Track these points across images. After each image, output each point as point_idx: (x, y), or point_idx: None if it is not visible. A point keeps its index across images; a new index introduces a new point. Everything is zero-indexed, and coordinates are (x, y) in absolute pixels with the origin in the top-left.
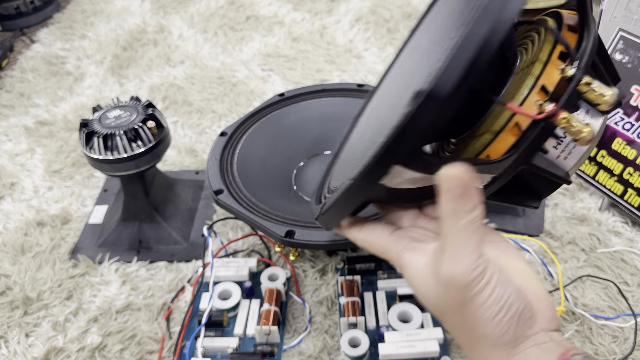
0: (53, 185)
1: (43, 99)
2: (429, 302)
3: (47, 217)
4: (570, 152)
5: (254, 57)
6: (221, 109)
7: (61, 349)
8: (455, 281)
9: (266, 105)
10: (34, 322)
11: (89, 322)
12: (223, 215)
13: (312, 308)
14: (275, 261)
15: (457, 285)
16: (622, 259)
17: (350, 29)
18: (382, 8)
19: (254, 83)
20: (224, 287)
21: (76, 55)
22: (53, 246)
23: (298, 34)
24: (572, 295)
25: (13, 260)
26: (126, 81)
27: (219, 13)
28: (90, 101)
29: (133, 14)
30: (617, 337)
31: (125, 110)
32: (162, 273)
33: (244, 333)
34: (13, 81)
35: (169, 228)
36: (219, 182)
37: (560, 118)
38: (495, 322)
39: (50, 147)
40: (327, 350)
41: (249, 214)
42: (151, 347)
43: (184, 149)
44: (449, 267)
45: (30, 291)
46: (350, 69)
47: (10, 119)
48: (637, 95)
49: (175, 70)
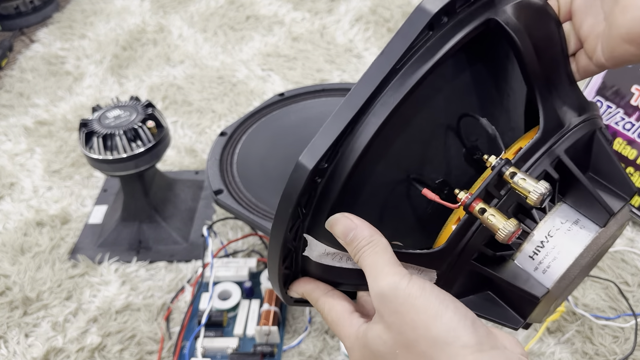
0: (52, 185)
1: (42, 99)
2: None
3: (46, 217)
4: (549, 266)
5: (254, 56)
6: (221, 109)
7: (61, 349)
8: (387, 292)
9: (266, 105)
10: (34, 322)
11: (89, 322)
12: (223, 215)
13: (312, 308)
14: None
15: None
16: (622, 259)
17: (350, 29)
18: (382, 8)
19: (254, 83)
20: (223, 287)
21: (76, 55)
22: (52, 246)
23: (298, 33)
24: (573, 295)
25: (12, 261)
26: (126, 81)
27: (218, 13)
28: (90, 101)
29: (133, 14)
30: (617, 337)
31: (124, 110)
32: (161, 273)
33: (244, 333)
34: (12, 81)
35: (169, 228)
36: (219, 182)
37: (477, 209)
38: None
39: (50, 147)
40: (327, 350)
41: (249, 214)
42: (151, 347)
43: (183, 149)
44: (374, 287)
45: (29, 291)
46: (350, 69)
47: (9, 118)
48: (637, 95)
49: (175, 70)
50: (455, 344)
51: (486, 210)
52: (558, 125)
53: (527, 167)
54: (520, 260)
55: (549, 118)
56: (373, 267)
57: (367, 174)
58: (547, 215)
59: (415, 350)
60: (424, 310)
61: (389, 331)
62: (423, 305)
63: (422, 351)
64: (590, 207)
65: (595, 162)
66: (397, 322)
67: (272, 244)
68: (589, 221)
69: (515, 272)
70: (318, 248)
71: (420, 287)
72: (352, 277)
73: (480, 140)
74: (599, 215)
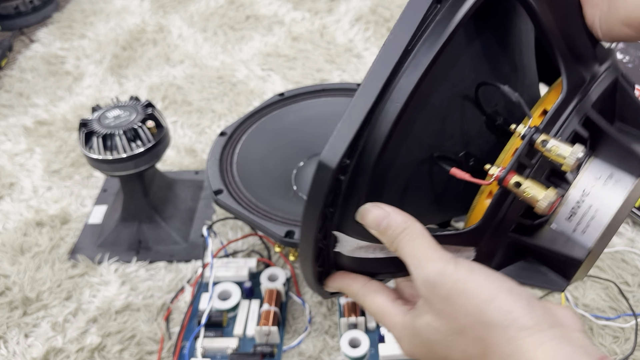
0: (52, 185)
1: (42, 99)
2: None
3: (46, 217)
4: (588, 225)
5: (254, 56)
6: (221, 109)
7: (60, 350)
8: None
9: (266, 105)
10: (33, 322)
11: (88, 322)
12: (223, 215)
13: (312, 308)
14: (275, 261)
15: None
16: (622, 259)
17: (350, 29)
18: (382, 7)
19: (254, 83)
20: (223, 288)
21: (75, 54)
22: (52, 246)
23: (298, 33)
24: (573, 295)
25: (12, 261)
26: (125, 81)
27: (218, 12)
28: (90, 101)
29: (132, 14)
30: (617, 337)
31: (124, 110)
32: (161, 273)
33: (244, 333)
34: (12, 81)
35: (169, 228)
36: (219, 182)
37: (511, 183)
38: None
39: (50, 147)
40: (327, 350)
41: (249, 214)
42: (151, 347)
43: (183, 149)
44: (419, 275)
45: (29, 291)
46: (350, 69)
47: (9, 118)
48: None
49: (174, 69)
50: (512, 327)
51: (521, 184)
52: (581, 80)
53: (556, 131)
54: (558, 223)
55: (571, 75)
56: (413, 255)
57: (390, 161)
58: (580, 173)
59: (470, 336)
60: (476, 294)
61: (439, 318)
62: (474, 289)
63: (477, 336)
64: (623, 159)
65: (621, 109)
66: (447, 309)
67: (304, 246)
68: (624, 173)
69: (554, 237)
70: (349, 243)
71: (469, 269)
72: (388, 267)
73: (499, 104)
74: (632, 166)
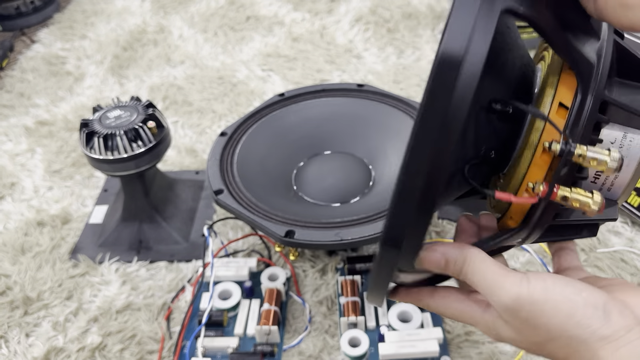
0: (53, 185)
1: (43, 99)
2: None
3: (47, 217)
4: (613, 183)
5: (254, 57)
6: (221, 109)
7: (61, 349)
8: (512, 305)
9: (266, 105)
10: (34, 322)
11: (89, 322)
12: (223, 215)
13: (312, 308)
14: (275, 261)
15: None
16: (621, 259)
17: (350, 29)
18: (382, 8)
19: (254, 83)
20: (224, 287)
21: (76, 55)
22: (53, 246)
23: (298, 34)
24: None
25: (13, 260)
26: (126, 81)
27: (219, 13)
28: (91, 101)
29: (133, 14)
30: None
31: (125, 110)
32: (162, 273)
33: (244, 333)
34: (13, 81)
35: (169, 228)
36: (219, 182)
37: (560, 196)
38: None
39: (51, 147)
40: (327, 350)
41: (249, 214)
42: (151, 347)
43: (184, 149)
44: (495, 302)
45: (30, 291)
46: (350, 69)
47: (10, 119)
48: None
49: (175, 70)
50: (591, 339)
51: (568, 198)
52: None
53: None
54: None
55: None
56: (483, 284)
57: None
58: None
59: (554, 345)
60: (554, 314)
61: (520, 335)
62: (552, 309)
63: (561, 345)
64: (631, 119)
65: (620, 65)
66: (528, 329)
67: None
68: (636, 131)
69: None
70: (409, 277)
71: (543, 288)
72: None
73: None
74: None
